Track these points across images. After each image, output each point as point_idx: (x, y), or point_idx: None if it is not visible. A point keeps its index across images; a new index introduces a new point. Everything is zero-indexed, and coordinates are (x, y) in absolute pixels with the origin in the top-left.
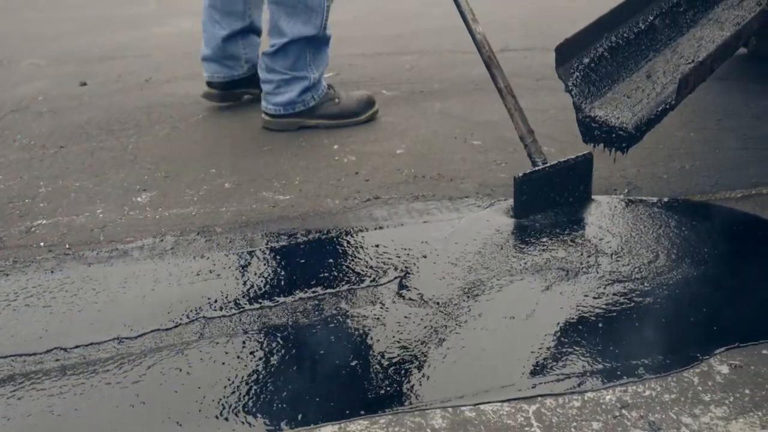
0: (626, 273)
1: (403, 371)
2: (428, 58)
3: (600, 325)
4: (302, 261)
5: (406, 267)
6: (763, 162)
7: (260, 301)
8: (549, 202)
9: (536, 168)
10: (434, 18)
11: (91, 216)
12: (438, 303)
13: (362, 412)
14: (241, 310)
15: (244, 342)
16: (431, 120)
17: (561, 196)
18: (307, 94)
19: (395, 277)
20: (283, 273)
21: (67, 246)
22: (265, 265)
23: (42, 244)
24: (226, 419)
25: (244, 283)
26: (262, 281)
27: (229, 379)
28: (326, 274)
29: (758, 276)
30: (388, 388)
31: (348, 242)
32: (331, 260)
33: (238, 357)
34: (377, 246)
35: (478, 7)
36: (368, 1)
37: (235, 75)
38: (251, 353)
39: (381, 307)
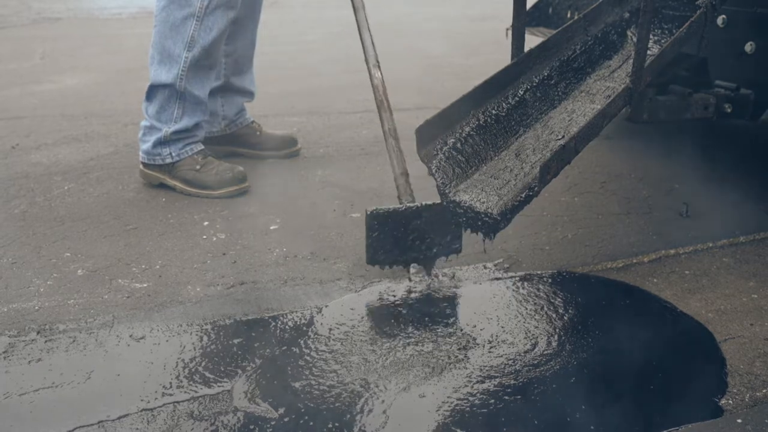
0: (498, 367)
1: None
2: (316, 119)
3: None
4: (152, 363)
5: (257, 369)
6: (642, 228)
7: (101, 414)
8: (406, 247)
9: (390, 207)
10: (330, 75)
11: None
12: (283, 413)
13: None
14: (76, 426)
15: None
16: (311, 190)
17: (422, 243)
18: (162, 148)
19: (241, 383)
20: (128, 378)
21: None
22: (110, 368)
23: None
24: None
25: (83, 392)
26: (104, 389)
27: None
28: (174, 379)
29: (638, 361)
30: None
31: (202, 339)
32: (181, 361)
33: None
34: (231, 342)
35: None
36: (261, 56)
37: (213, 131)
38: None
39: (227, 417)
